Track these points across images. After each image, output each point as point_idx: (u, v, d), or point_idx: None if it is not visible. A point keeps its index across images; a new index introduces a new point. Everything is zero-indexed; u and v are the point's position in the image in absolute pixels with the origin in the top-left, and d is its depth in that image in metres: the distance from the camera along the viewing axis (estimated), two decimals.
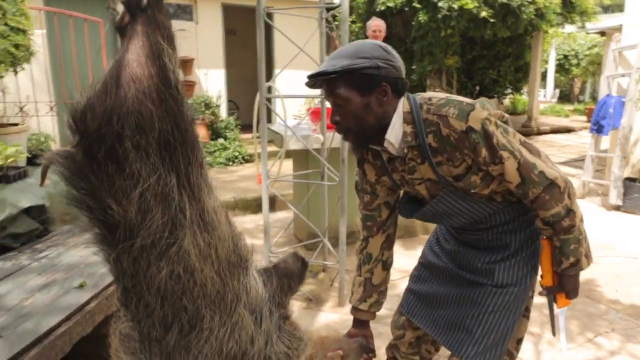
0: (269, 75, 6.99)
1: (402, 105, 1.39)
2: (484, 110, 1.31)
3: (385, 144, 1.42)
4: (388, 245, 1.68)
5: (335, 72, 1.31)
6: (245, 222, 4.83)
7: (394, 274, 1.92)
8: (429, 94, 1.42)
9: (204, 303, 1.01)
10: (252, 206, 5.07)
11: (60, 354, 1.67)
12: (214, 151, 7.14)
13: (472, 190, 1.43)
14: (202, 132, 7.31)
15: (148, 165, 0.96)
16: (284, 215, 4.88)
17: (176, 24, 7.82)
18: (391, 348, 1.89)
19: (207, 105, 7.50)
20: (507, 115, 1.46)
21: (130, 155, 0.94)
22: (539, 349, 2.58)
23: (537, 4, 8.04)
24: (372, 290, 1.66)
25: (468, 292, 1.59)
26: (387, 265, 1.69)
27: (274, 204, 5.05)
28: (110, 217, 0.93)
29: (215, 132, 7.60)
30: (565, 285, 1.47)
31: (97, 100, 0.95)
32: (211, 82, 8.28)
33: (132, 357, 1.03)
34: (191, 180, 1.03)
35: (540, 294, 1.55)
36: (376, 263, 1.67)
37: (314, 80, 1.39)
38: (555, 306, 1.55)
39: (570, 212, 1.36)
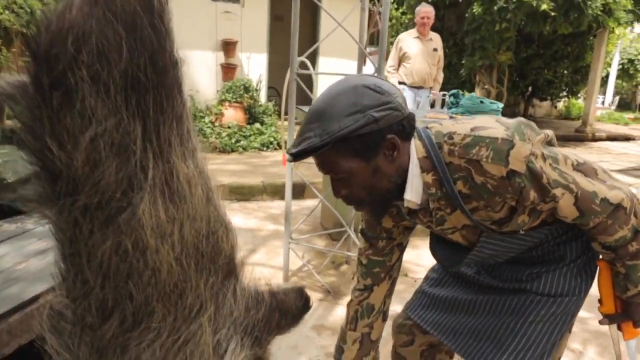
0: (312, 61, 6.82)
1: (415, 149, 1.13)
2: (525, 143, 1.04)
3: (406, 204, 1.18)
4: (390, 292, 1.47)
5: (325, 144, 1.02)
6: (272, 207, 4.70)
7: None
8: (445, 126, 1.13)
9: (155, 294, 0.84)
10: (281, 192, 4.89)
11: None
12: (250, 135, 7.04)
13: (522, 231, 1.20)
14: (239, 116, 7.23)
15: (107, 105, 0.79)
16: (312, 204, 4.69)
17: (222, 6, 7.81)
18: (397, 357, 1.64)
19: (247, 89, 7.39)
20: (550, 134, 1.18)
21: (84, 88, 0.76)
22: None
23: None
24: (370, 347, 1.44)
25: (503, 299, 1.34)
26: (386, 316, 1.47)
27: (304, 191, 4.88)
28: (51, 164, 0.76)
29: (253, 117, 7.49)
30: (632, 313, 1.22)
31: (56, 17, 0.78)
32: (253, 66, 8.20)
33: (58, 338, 0.85)
34: (161, 135, 0.85)
35: (601, 322, 1.30)
36: (377, 316, 1.44)
37: (299, 157, 1.12)
38: (621, 338, 1.29)
39: (638, 233, 1.11)
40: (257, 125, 7.33)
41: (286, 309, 1.18)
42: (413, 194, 1.15)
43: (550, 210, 1.14)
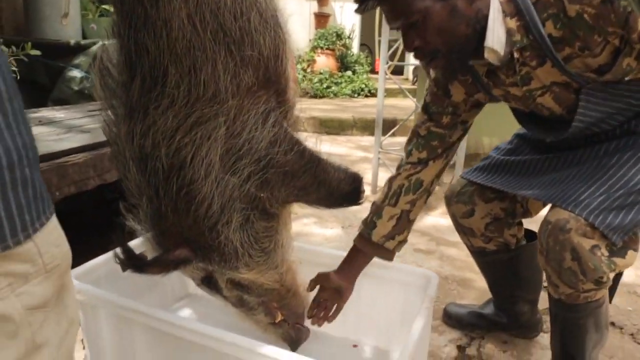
0: None
1: None
2: None
3: (486, 55, 1.04)
4: (441, 173, 1.31)
5: None
6: (361, 140, 4.67)
7: None
8: None
9: (167, 52, 0.84)
10: (371, 127, 4.83)
11: None
12: (340, 82, 7.00)
13: (627, 78, 1.02)
14: (331, 63, 7.20)
15: None
16: (403, 140, 4.57)
17: None
18: (461, 227, 1.48)
19: (339, 36, 7.33)
20: None
21: None
22: None
23: None
24: (405, 226, 1.28)
25: (589, 151, 1.17)
26: (428, 197, 1.32)
27: (393, 127, 4.77)
28: None
29: (344, 65, 7.43)
30: None
31: None
32: (346, 15, 8.08)
33: (106, 93, 0.92)
34: None
35: None
36: (423, 194, 1.29)
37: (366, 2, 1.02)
38: None
39: None
40: (349, 73, 7.26)
41: (326, 181, 1.07)
42: (495, 42, 1.01)
43: None
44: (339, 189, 1.09)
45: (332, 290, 1.25)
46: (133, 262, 0.90)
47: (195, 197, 0.92)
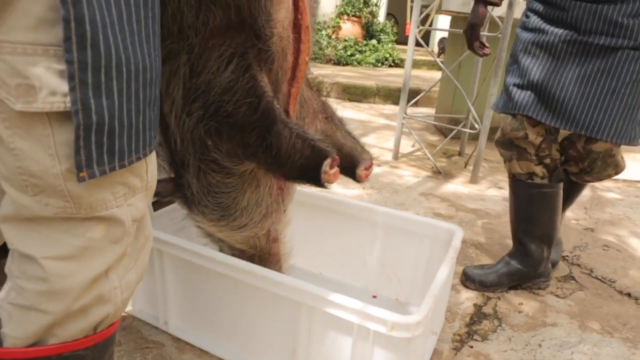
0: None
1: None
2: None
3: None
4: None
5: None
6: (384, 109, 4.62)
7: None
8: None
9: None
10: (394, 96, 4.80)
11: None
12: (365, 50, 6.90)
13: None
14: (356, 30, 7.09)
15: None
16: (427, 111, 4.52)
17: None
18: (512, 146, 1.52)
19: (366, 3, 7.18)
20: None
21: None
22: None
23: None
24: None
25: (598, 65, 1.32)
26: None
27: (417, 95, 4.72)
28: None
29: (370, 33, 7.30)
30: None
31: None
32: None
33: None
34: None
35: None
36: None
37: None
38: None
39: None
40: (374, 42, 7.14)
41: (275, 145, 0.93)
42: None
43: None
44: (291, 159, 0.94)
45: None
46: None
47: (168, 130, 0.95)
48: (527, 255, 1.59)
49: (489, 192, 2.57)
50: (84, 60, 0.51)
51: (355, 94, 4.87)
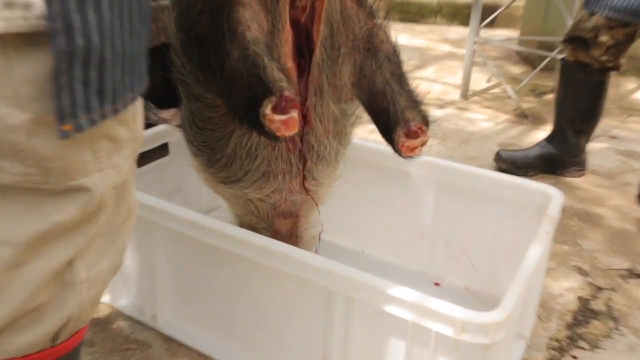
0: None
1: None
2: None
3: None
4: None
5: None
6: (448, 31, 4.57)
7: None
8: None
9: None
10: (461, 15, 4.71)
11: None
12: None
13: None
14: None
15: None
16: (507, 33, 4.39)
17: None
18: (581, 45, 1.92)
19: None
20: None
21: None
22: None
23: None
24: None
25: None
26: None
27: (493, 10, 4.61)
28: None
29: None
30: None
31: None
32: None
33: None
34: None
35: None
36: None
37: None
38: None
39: None
40: None
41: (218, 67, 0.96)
42: None
43: None
44: (234, 91, 0.94)
45: None
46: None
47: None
48: (565, 142, 2.06)
49: (595, 142, 2.48)
50: None
51: (409, 12, 4.82)
